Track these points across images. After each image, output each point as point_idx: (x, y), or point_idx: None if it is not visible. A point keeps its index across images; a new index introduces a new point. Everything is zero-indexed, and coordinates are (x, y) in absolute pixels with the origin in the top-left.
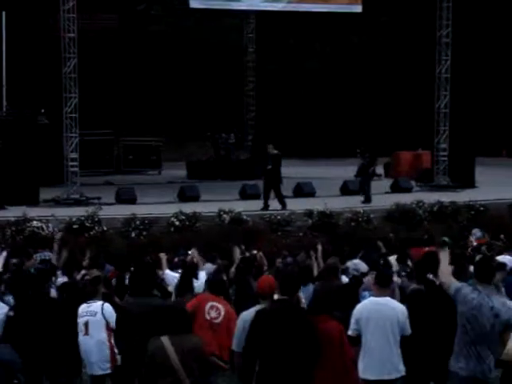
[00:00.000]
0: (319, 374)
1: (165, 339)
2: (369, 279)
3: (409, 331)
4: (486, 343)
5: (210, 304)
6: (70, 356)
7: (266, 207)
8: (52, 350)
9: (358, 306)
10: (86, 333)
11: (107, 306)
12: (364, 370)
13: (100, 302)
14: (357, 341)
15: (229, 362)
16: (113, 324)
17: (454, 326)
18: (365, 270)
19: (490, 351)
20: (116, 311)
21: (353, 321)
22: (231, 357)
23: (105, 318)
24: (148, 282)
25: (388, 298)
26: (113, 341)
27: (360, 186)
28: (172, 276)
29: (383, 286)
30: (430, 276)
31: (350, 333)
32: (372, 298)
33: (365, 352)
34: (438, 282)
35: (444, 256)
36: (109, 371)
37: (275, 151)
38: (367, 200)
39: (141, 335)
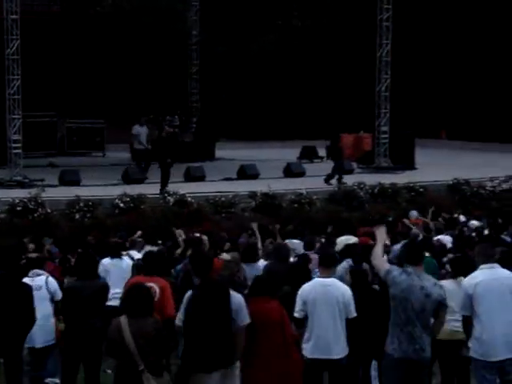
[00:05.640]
0: (258, 353)
1: (123, 320)
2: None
3: (354, 314)
4: (418, 324)
5: None
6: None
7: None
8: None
9: (304, 287)
10: None
11: (51, 279)
12: (312, 350)
13: (44, 276)
14: (302, 323)
15: None
16: (57, 297)
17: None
18: (301, 251)
19: (424, 331)
20: (62, 292)
21: (299, 302)
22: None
23: (49, 291)
24: (92, 265)
25: (334, 279)
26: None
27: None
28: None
29: (328, 266)
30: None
31: (296, 315)
32: (318, 279)
33: (312, 332)
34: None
35: (379, 237)
36: (52, 342)
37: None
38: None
39: (85, 316)
